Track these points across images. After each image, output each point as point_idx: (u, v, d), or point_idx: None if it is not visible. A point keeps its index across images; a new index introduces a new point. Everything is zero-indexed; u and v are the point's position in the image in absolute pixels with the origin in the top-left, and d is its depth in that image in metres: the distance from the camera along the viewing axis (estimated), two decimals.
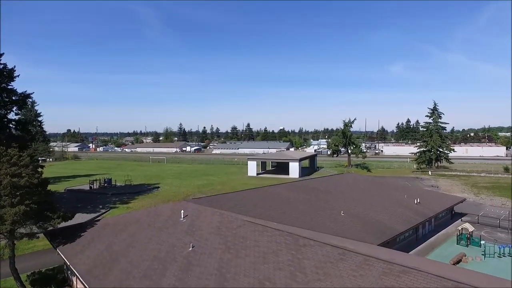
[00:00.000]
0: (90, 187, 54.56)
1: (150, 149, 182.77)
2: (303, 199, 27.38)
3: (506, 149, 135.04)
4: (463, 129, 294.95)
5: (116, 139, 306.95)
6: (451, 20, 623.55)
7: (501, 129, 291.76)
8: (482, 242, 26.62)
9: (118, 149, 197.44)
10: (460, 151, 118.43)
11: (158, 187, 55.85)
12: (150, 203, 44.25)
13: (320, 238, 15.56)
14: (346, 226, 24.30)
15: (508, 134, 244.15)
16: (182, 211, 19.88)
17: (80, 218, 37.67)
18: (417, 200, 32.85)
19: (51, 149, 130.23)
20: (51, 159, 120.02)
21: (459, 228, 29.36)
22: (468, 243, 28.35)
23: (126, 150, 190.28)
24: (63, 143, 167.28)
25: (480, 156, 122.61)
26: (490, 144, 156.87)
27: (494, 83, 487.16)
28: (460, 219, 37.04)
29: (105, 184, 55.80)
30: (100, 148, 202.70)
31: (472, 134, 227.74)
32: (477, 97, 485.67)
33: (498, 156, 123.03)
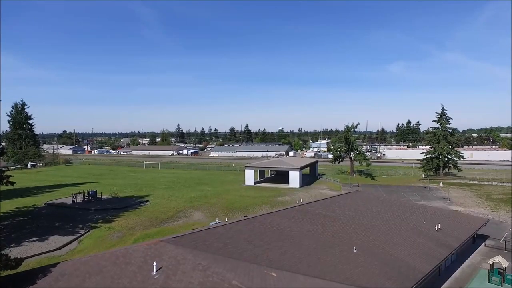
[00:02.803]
0: (73, 201, 50.07)
1: (146, 152, 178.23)
2: (307, 231, 23.02)
3: None
4: (463, 130, 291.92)
5: (113, 139, 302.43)
6: (450, 19, 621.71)
7: (500, 129, 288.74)
8: None
9: (114, 152, 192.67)
10: (465, 155, 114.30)
11: (147, 200, 51.39)
12: (136, 221, 39.90)
13: None
14: (360, 268, 19.97)
15: (509, 135, 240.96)
16: (155, 263, 15.48)
17: (53, 242, 33.29)
18: (437, 226, 28.60)
19: (42, 153, 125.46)
20: (41, 164, 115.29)
21: (490, 263, 25.07)
22: (502, 281, 24.09)
23: (122, 153, 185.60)
24: (55, 146, 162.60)
25: (486, 160, 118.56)
26: (494, 147, 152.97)
27: (492, 83, 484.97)
28: (483, 244, 32.79)
29: (90, 197, 51.29)
30: (95, 150, 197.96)
31: (474, 135, 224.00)
32: (475, 97, 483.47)
33: (504, 160, 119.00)
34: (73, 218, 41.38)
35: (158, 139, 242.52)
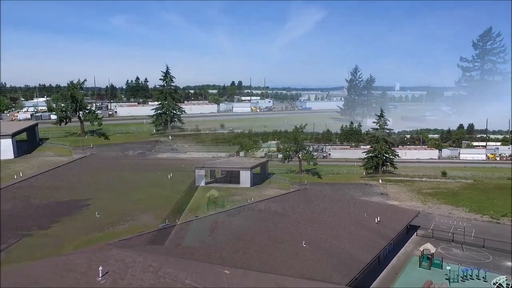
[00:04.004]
0: None
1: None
2: (259, 228, 23.50)
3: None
4: (399, 131, 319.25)
5: None
6: None
7: (428, 131, 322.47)
8: (448, 267, 25.20)
9: None
10: (400, 154, 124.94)
11: (88, 204, 47.86)
12: (75, 227, 37.10)
13: None
14: (309, 261, 20.93)
15: (436, 136, 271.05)
16: (101, 268, 14.59)
17: None
18: (377, 219, 31.05)
19: None
20: None
21: (421, 250, 27.92)
22: (430, 265, 26.98)
23: None
24: None
25: (417, 159, 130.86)
26: (424, 147, 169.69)
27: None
28: (415, 233, 36.38)
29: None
30: None
31: (408, 136, 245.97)
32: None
33: (432, 158, 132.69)
34: None
35: None
